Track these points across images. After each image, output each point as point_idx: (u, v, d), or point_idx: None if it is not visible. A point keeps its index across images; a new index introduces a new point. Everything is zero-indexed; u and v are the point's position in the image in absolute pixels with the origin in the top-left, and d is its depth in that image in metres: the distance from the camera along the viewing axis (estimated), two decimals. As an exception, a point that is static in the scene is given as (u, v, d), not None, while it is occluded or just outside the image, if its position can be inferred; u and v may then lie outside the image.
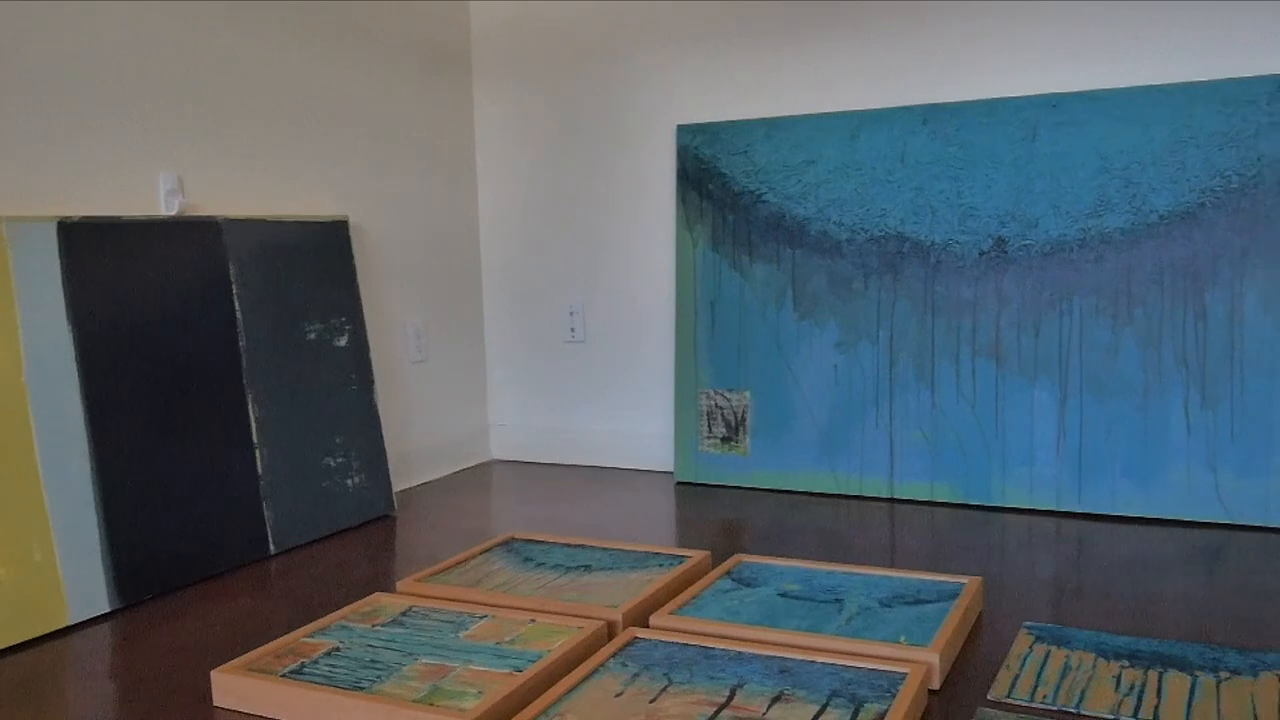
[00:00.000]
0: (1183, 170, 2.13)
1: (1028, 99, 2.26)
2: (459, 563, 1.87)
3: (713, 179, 2.55)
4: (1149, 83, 2.18)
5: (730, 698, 1.30)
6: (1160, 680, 1.36)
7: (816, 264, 2.43)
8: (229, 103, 2.17)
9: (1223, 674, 1.37)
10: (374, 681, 1.36)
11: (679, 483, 2.60)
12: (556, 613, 1.60)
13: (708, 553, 1.87)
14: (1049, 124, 2.24)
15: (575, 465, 2.85)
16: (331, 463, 2.23)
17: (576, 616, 1.58)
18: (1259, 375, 2.06)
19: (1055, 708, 1.30)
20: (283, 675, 1.39)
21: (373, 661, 1.43)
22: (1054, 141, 2.23)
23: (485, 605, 1.64)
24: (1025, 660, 1.44)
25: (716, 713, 1.26)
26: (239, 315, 2.08)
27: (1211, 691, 1.32)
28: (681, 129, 2.60)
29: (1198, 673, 1.38)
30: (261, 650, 1.47)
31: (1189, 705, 1.29)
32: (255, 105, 2.23)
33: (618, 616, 1.56)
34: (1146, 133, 2.16)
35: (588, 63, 2.74)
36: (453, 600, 1.69)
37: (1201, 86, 2.12)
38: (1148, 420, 2.14)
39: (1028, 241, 2.24)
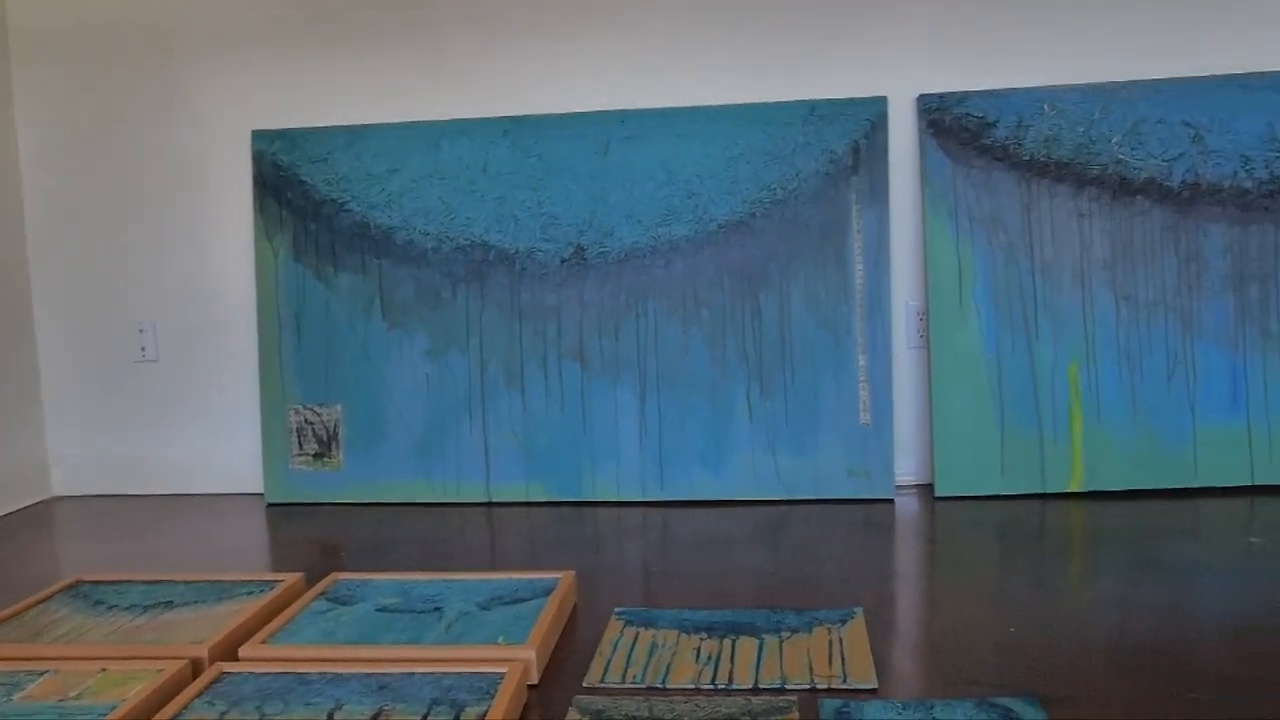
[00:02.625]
0: (736, 183, 2.34)
1: (600, 114, 2.39)
2: (11, 616, 1.66)
3: (292, 187, 2.46)
4: (706, 103, 2.38)
5: (328, 721, 1.26)
6: (733, 647, 1.49)
7: (404, 273, 2.42)
8: None
9: (784, 634, 1.53)
10: (-97, 763, 1.18)
11: (270, 504, 2.48)
12: (132, 657, 1.46)
13: (301, 575, 1.80)
14: (620, 138, 2.38)
15: (154, 495, 2.63)
16: None
17: (155, 659, 1.45)
18: (805, 367, 2.32)
19: (644, 686, 1.38)
20: None
21: (-99, 740, 1.24)
22: (625, 155, 2.37)
23: (45, 660, 1.47)
24: (616, 645, 1.52)
25: (314, 739, 1.22)
26: None
27: (775, 650, 1.47)
28: (257, 135, 2.48)
29: (764, 635, 1.53)
30: None
31: (757, 666, 1.42)
32: None
33: (203, 653, 1.46)
34: (705, 149, 2.35)
35: (153, 64, 2.54)
36: (3, 659, 1.49)
37: (749, 109, 2.35)
38: (716, 412, 2.34)
39: (605, 249, 2.37)
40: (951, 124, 2.30)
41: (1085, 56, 2.32)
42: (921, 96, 2.32)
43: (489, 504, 2.41)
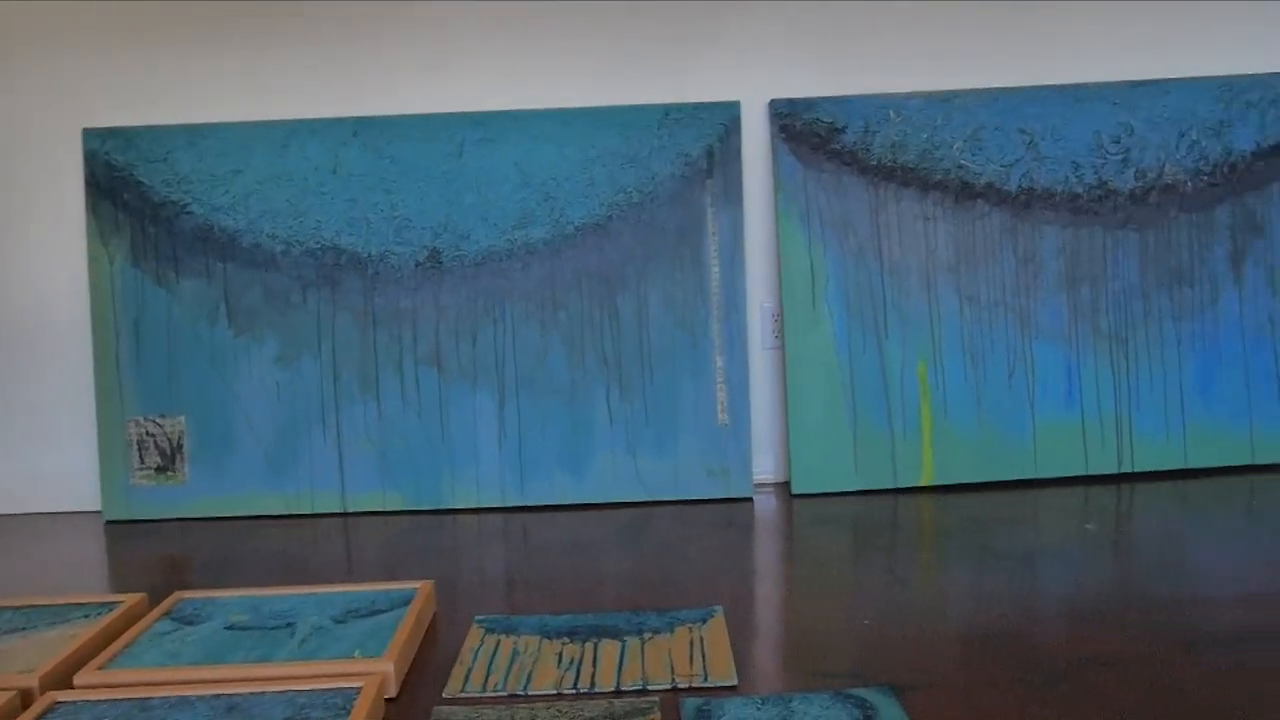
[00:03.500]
0: (592, 186, 2.34)
1: (454, 115, 2.36)
2: None
3: (129, 188, 2.34)
4: (560, 105, 2.37)
5: (172, 747, 1.20)
6: (596, 650, 1.48)
7: (251, 278, 2.34)
8: None
9: (646, 635, 1.53)
10: None
11: (109, 522, 2.36)
12: (-47, 690, 1.36)
13: (143, 596, 1.71)
14: (474, 140, 2.35)
15: (-23, 516, 2.47)
16: None
17: (-21, 690, 1.36)
18: (664, 368, 2.33)
19: (506, 694, 1.36)
20: None
21: None
22: (480, 157, 2.34)
23: None
24: (477, 654, 1.49)
25: (156, 767, 1.16)
26: None
27: (637, 652, 1.47)
28: (89, 133, 2.35)
29: (626, 637, 1.53)
30: None
31: (619, 668, 1.42)
32: None
33: (33, 683, 1.37)
34: (560, 151, 2.34)
35: (-34, 53, 2.39)
36: None
37: (605, 111, 2.35)
38: (576, 415, 2.33)
39: (461, 252, 2.34)
40: (802, 129, 2.35)
41: (929, 65, 2.40)
42: (773, 102, 2.36)
43: (344, 514, 2.34)
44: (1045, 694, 1.33)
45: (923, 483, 2.33)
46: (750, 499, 2.33)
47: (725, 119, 2.36)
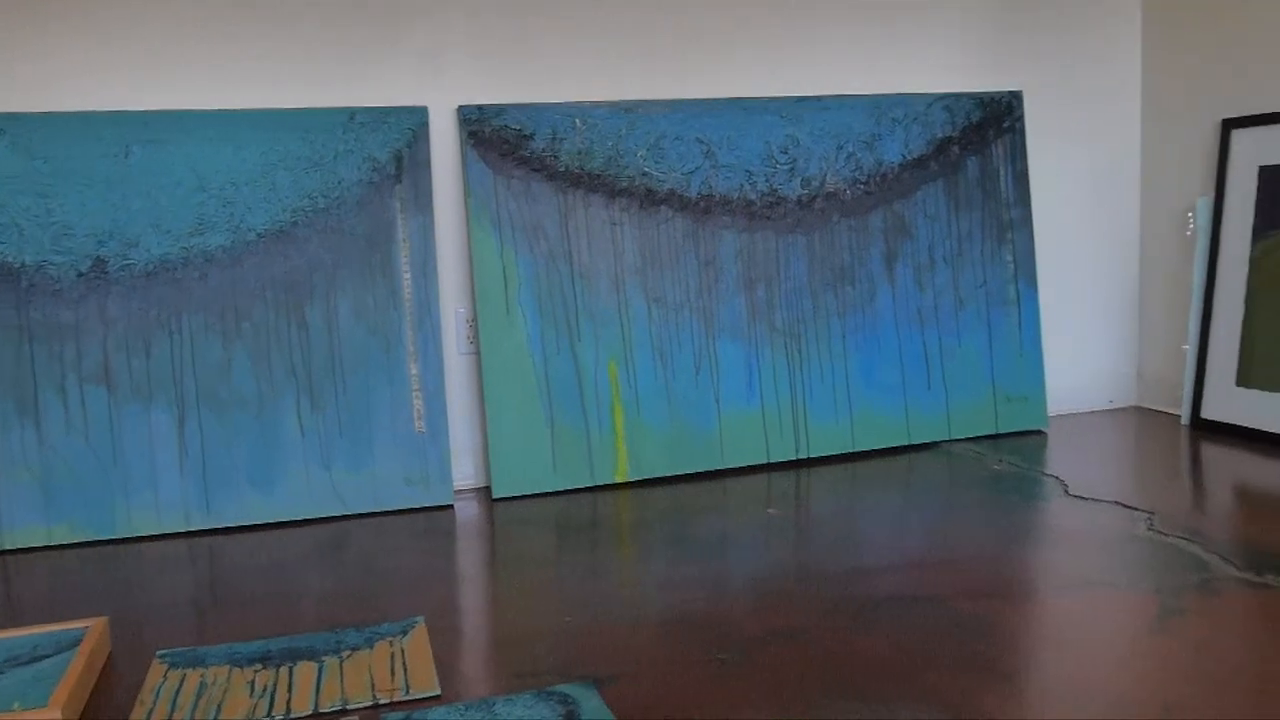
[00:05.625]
0: (275, 191, 2.24)
1: (119, 114, 2.19)
2: None
3: None
4: (239, 107, 2.25)
5: None
6: (291, 674, 1.43)
7: (-126, 293, 2.07)
8: None
9: (345, 653, 1.49)
10: None
11: None
12: None
13: None
14: (142, 141, 2.19)
15: None
16: None
17: None
18: (357, 377, 2.28)
19: (193, 729, 1.29)
20: None
21: None
22: (149, 160, 2.19)
23: None
24: (159, 691, 1.40)
25: None
26: None
27: (335, 671, 1.43)
28: None
29: (324, 658, 1.48)
30: None
31: (317, 689, 1.37)
32: None
33: None
34: (239, 154, 2.23)
35: None
36: None
37: (286, 114, 2.26)
38: (264, 429, 2.23)
39: (130, 261, 2.17)
40: (491, 135, 2.37)
41: (613, 75, 2.48)
42: (461, 108, 2.36)
43: (2, 552, 2.12)
44: (736, 669, 1.42)
45: (618, 479, 2.41)
46: (451, 506, 2.31)
47: (413, 124, 2.33)
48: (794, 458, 2.53)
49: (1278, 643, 1.45)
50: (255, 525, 2.22)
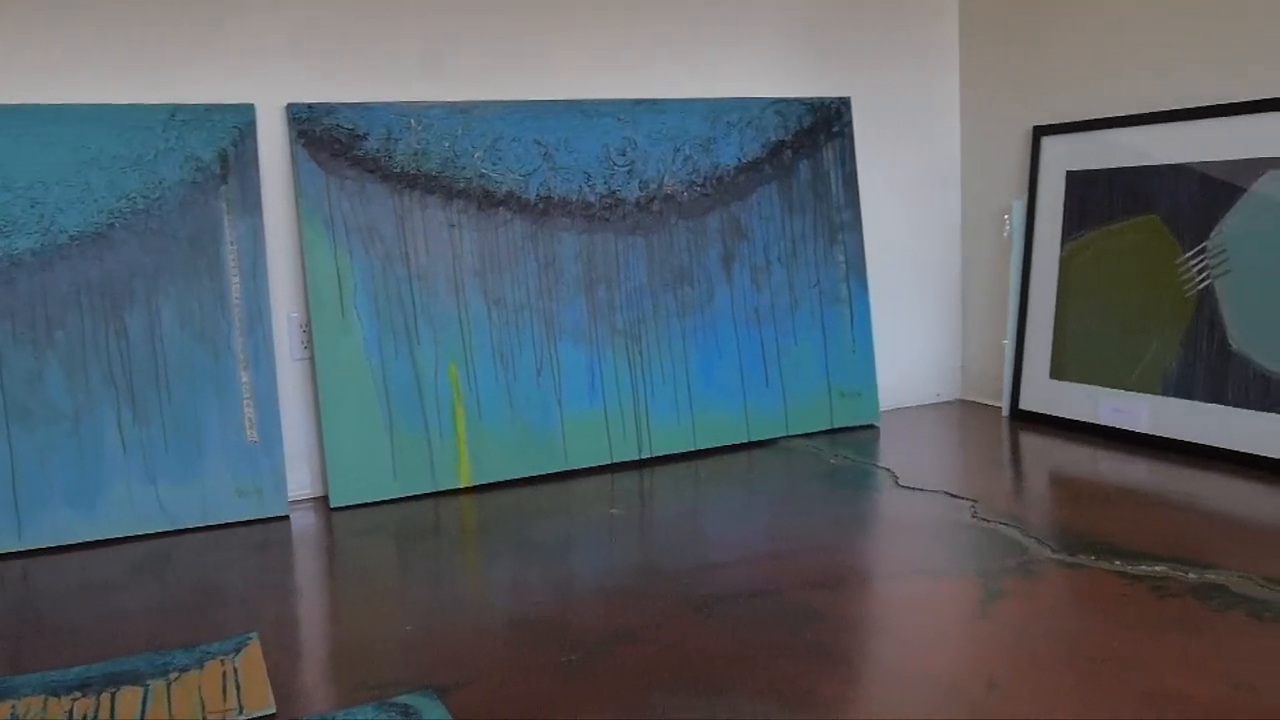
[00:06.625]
0: (89, 191, 2.13)
1: (-93, 108, 2.03)
2: None
3: None
4: (43, 102, 2.12)
5: None
6: (113, 700, 1.35)
7: None
8: None
9: (173, 675, 1.42)
10: None
11: None
12: None
13: None
14: (-63, 137, 2.04)
15: None
16: None
17: None
18: (183, 385, 2.18)
19: (3, 765, 1.20)
20: None
21: None
22: (-55, 157, 2.04)
23: None
24: (-35, 725, 1.30)
25: None
26: None
27: (162, 695, 1.36)
28: None
29: (149, 681, 1.41)
30: None
31: (142, 715, 1.31)
32: None
33: None
34: (47, 152, 2.10)
35: None
36: None
37: (99, 109, 2.14)
38: (82, 444, 2.11)
39: (-75, 266, 2.03)
40: (322, 135, 2.30)
41: (448, 75, 2.45)
42: (290, 106, 2.29)
43: None
44: (580, 671, 1.42)
45: (461, 484, 2.38)
46: (287, 517, 2.24)
47: (239, 122, 2.24)
48: (637, 458, 2.55)
49: (1091, 618, 1.54)
50: (72, 545, 2.10)
